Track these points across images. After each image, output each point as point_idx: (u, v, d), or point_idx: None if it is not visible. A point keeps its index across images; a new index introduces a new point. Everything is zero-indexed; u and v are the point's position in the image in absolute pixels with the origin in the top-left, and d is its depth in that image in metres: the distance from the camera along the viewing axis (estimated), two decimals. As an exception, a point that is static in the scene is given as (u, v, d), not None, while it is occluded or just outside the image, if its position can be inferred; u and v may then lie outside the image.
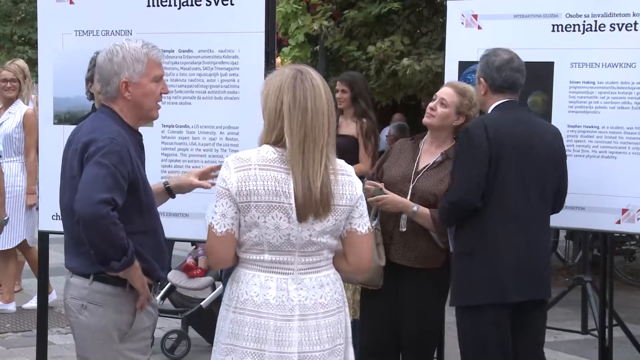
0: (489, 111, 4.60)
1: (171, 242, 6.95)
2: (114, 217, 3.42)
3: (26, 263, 8.27)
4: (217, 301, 6.63)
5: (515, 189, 4.47)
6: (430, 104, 4.89)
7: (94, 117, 3.80)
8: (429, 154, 4.92)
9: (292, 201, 3.30)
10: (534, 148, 4.51)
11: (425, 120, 4.90)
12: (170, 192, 4.06)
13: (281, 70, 3.42)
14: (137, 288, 3.66)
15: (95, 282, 3.65)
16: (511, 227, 4.48)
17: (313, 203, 3.30)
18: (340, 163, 3.44)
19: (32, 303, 7.71)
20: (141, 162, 3.75)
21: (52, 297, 7.67)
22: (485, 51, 4.67)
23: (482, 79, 4.60)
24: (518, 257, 4.49)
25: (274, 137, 3.36)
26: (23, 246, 7.87)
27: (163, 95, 3.81)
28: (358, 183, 3.47)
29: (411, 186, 4.83)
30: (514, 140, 4.48)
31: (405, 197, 4.79)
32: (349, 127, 7.07)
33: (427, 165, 4.87)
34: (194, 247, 7.35)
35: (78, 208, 3.45)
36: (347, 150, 6.65)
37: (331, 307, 3.44)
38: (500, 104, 4.57)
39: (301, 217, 3.31)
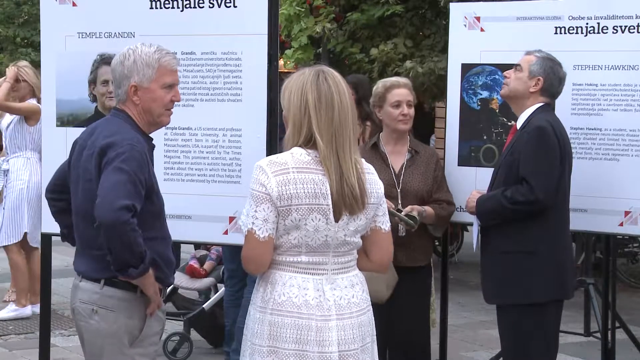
0: (530, 109, 4.66)
1: (177, 244, 6.94)
2: (134, 224, 3.41)
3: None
4: (219, 303, 6.63)
5: (568, 190, 4.66)
6: (403, 111, 4.96)
7: (108, 120, 3.77)
8: (395, 153, 5.02)
9: (330, 202, 3.31)
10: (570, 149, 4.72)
11: (404, 127, 5.00)
12: None
13: (302, 71, 3.42)
14: (149, 295, 3.65)
15: (106, 286, 3.63)
16: (567, 226, 4.72)
17: (348, 199, 3.32)
18: (363, 161, 3.45)
19: (4, 313, 7.73)
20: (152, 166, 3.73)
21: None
22: (544, 52, 4.71)
23: (540, 79, 4.65)
24: (571, 254, 4.84)
25: (302, 137, 3.35)
26: (25, 246, 7.85)
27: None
28: (380, 181, 3.52)
29: (399, 190, 4.88)
30: (568, 142, 4.66)
31: (396, 202, 4.87)
32: (352, 129, 7.07)
33: (402, 165, 4.96)
34: (198, 248, 7.35)
35: (99, 214, 3.42)
36: None
37: (362, 305, 3.47)
38: (545, 105, 4.68)
39: (337, 215, 3.33)
